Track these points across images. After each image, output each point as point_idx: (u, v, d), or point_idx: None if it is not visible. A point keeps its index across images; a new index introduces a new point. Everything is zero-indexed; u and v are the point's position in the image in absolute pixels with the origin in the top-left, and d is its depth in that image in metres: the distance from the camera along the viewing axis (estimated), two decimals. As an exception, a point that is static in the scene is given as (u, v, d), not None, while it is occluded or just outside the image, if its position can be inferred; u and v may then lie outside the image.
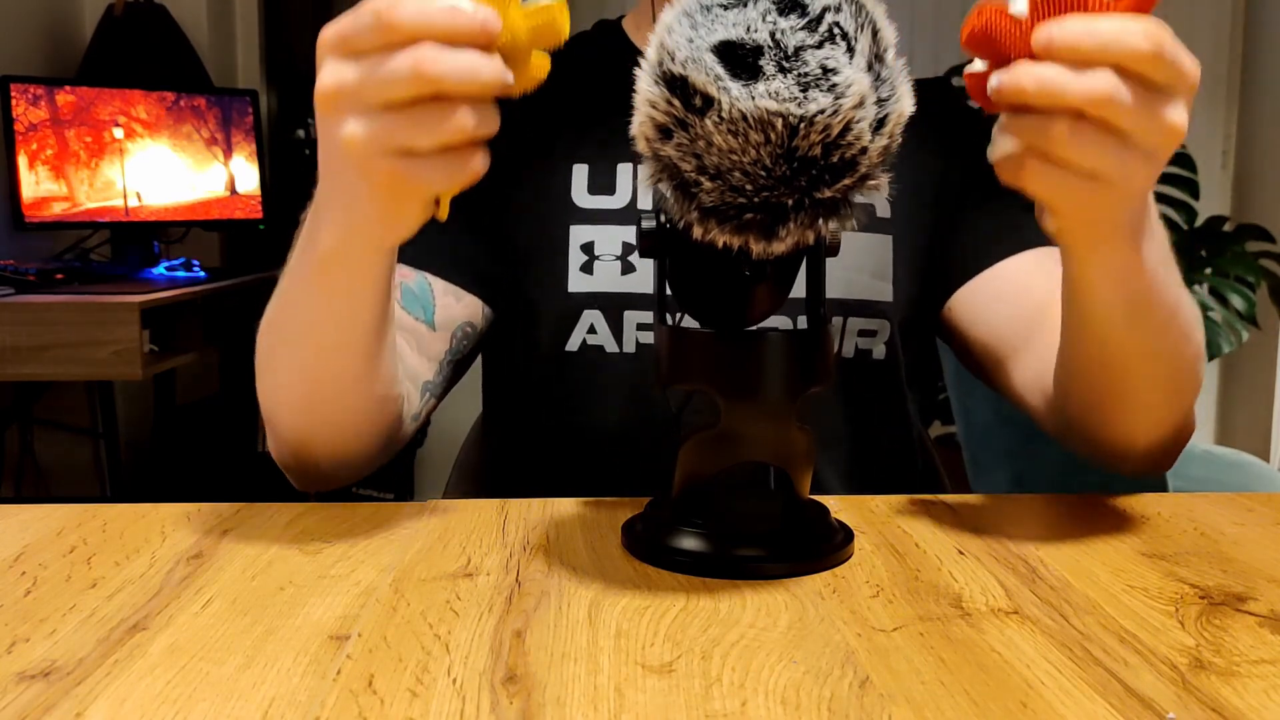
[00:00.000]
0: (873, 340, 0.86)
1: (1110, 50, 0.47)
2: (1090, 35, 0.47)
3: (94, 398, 2.79)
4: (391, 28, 0.47)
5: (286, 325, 0.67)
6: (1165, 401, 0.70)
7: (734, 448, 0.57)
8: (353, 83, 0.49)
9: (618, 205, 0.86)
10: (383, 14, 0.47)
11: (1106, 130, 0.49)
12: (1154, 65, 0.48)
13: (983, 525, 0.64)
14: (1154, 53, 0.47)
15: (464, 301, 0.85)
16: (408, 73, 0.47)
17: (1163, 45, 0.47)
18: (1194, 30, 3.14)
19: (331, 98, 0.50)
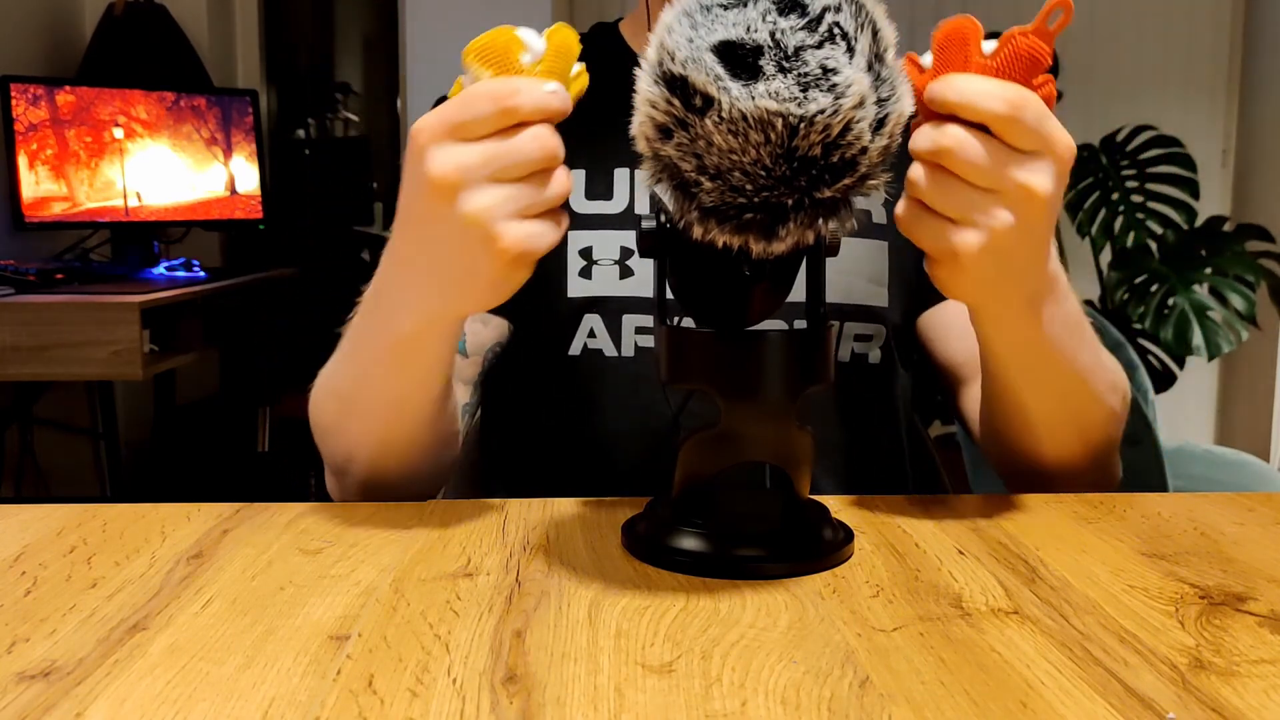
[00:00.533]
0: (869, 345, 0.87)
1: (967, 108, 0.53)
2: (953, 91, 0.53)
3: (94, 398, 2.79)
4: (513, 113, 0.53)
5: (360, 399, 0.70)
6: (1071, 446, 0.73)
7: (734, 448, 0.57)
8: (477, 163, 0.54)
9: (615, 210, 0.86)
10: (503, 101, 0.53)
11: (960, 180, 0.54)
12: (1009, 127, 0.53)
13: (983, 525, 0.64)
14: (1009, 115, 0.53)
15: (491, 325, 0.88)
16: (539, 151, 0.54)
17: (1022, 111, 0.53)
18: (1194, 30, 3.14)
19: (455, 178, 0.54)
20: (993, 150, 0.53)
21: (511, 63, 0.55)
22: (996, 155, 0.53)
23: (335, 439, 0.73)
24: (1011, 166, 0.54)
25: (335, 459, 0.74)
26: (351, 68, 3.90)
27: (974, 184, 0.54)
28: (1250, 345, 2.82)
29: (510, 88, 0.53)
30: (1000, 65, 0.55)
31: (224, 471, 2.86)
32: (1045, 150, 0.54)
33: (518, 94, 0.53)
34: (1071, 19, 0.54)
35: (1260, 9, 3.13)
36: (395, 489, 0.73)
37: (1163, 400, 2.77)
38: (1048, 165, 0.54)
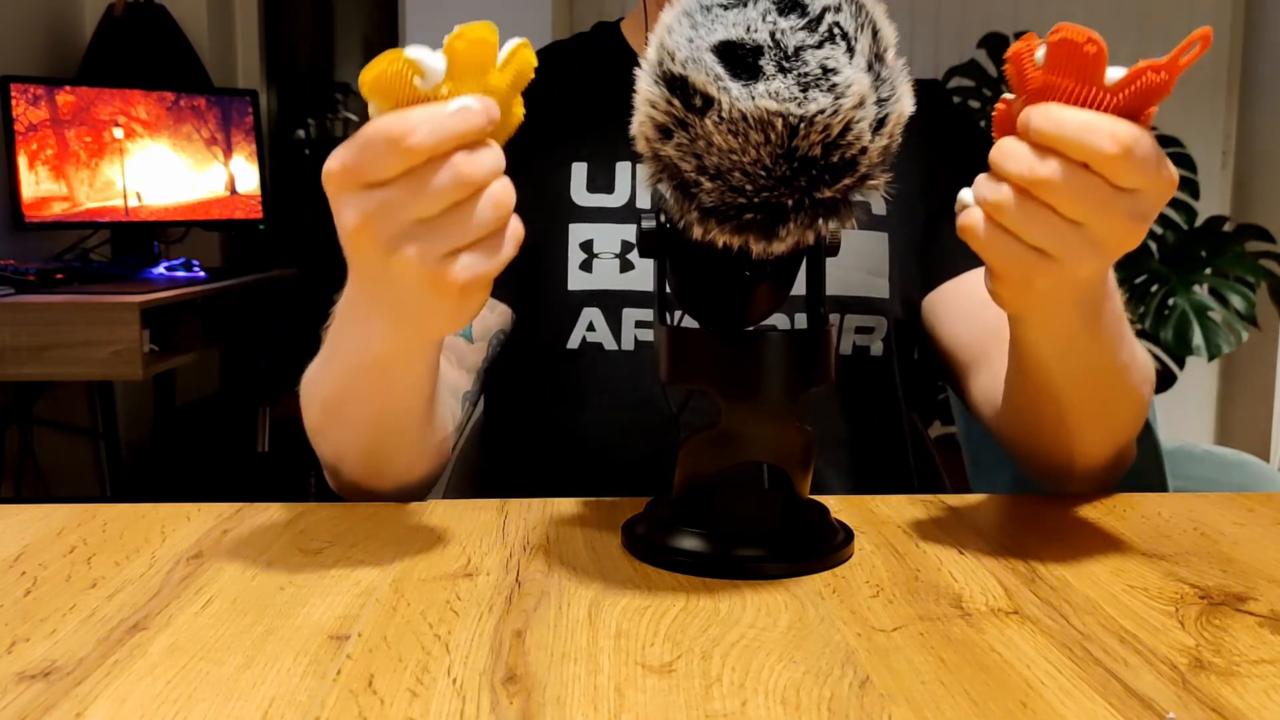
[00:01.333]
0: (870, 337, 0.87)
1: (1071, 145, 0.49)
2: (1055, 125, 0.49)
3: (94, 398, 2.80)
4: (414, 153, 0.47)
5: (344, 408, 0.68)
6: (1100, 440, 0.72)
7: (734, 448, 0.57)
8: (388, 210, 0.49)
9: (616, 204, 0.86)
10: (400, 142, 0.47)
11: (1053, 211, 0.50)
12: (1116, 167, 0.49)
13: (983, 525, 0.64)
14: (1117, 156, 0.48)
15: (497, 311, 0.87)
16: (451, 185, 0.48)
17: (1131, 151, 0.48)
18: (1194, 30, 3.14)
19: (365, 230, 0.50)
20: (1092, 186, 0.50)
21: (406, 92, 0.48)
22: (1096, 192, 0.50)
23: (322, 442, 0.72)
24: (1110, 204, 0.50)
25: (325, 459, 0.74)
26: (351, 68, 3.90)
27: (1067, 216, 0.51)
28: (1250, 345, 2.82)
29: (405, 125, 0.47)
30: (1122, 103, 0.49)
31: (224, 471, 2.86)
32: (1149, 187, 0.50)
33: (411, 132, 0.47)
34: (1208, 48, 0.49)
35: (1260, 9, 3.13)
36: (384, 491, 0.72)
37: (1163, 400, 2.77)
38: (1148, 202, 0.51)
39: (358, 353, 0.62)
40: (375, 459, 0.70)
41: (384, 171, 0.48)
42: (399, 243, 0.50)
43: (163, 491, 2.82)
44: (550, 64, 0.99)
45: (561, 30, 2.94)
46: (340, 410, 0.69)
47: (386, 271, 0.52)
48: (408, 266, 0.50)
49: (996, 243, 0.53)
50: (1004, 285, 0.56)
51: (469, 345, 0.85)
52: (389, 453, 0.70)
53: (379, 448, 0.70)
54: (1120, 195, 0.50)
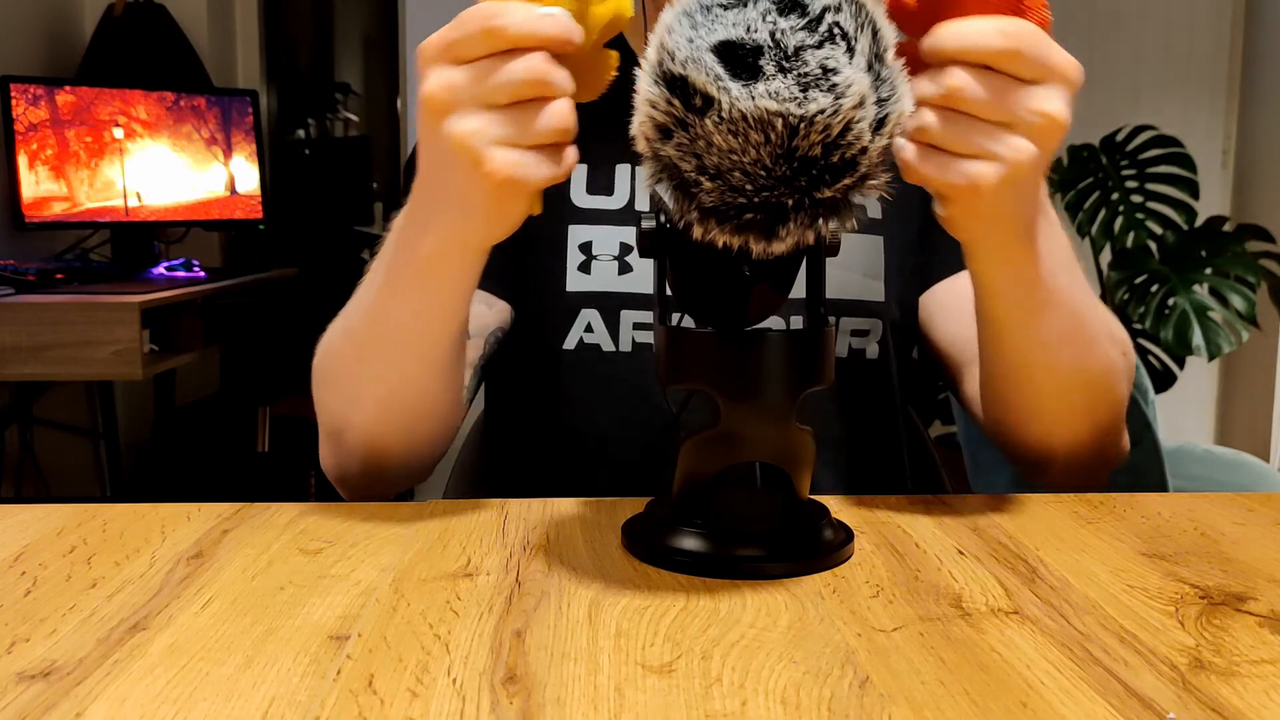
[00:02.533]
0: (866, 340, 0.87)
1: (965, 51, 0.53)
2: (946, 40, 0.53)
3: (94, 398, 2.80)
4: (502, 35, 0.52)
5: (375, 334, 0.69)
6: (1075, 412, 0.73)
7: (734, 448, 0.57)
8: (464, 85, 0.53)
9: (616, 205, 0.86)
10: (489, 21, 0.51)
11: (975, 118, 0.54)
12: (1011, 60, 0.53)
13: (983, 525, 0.64)
14: (1008, 48, 0.53)
15: (495, 308, 0.87)
16: (524, 75, 0.52)
17: (1020, 42, 0.53)
18: (1194, 30, 3.14)
19: (443, 99, 0.53)
20: (1001, 84, 0.53)
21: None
22: (1005, 88, 0.53)
23: (340, 389, 0.72)
24: (1022, 96, 0.54)
25: (335, 416, 0.73)
26: (351, 68, 3.90)
27: (987, 119, 0.54)
28: (1250, 345, 2.82)
29: (498, 9, 0.51)
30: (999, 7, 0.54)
31: (224, 471, 2.86)
32: (1051, 76, 0.54)
33: (503, 15, 0.51)
34: None
35: (1260, 9, 3.13)
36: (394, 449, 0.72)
37: (1163, 400, 2.77)
38: (1057, 90, 0.54)
39: (403, 261, 0.64)
40: (391, 404, 0.70)
41: (471, 49, 0.52)
42: (461, 118, 0.53)
43: (163, 491, 2.82)
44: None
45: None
46: (369, 339, 0.69)
47: (440, 147, 0.55)
48: (460, 141, 0.53)
49: (932, 162, 0.56)
50: (954, 205, 0.58)
51: (469, 340, 0.85)
52: (414, 390, 0.70)
53: (397, 389, 0.70)
54: (1029, 88, 0.54)
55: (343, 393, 0.72)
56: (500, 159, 0.53)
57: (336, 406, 0.73)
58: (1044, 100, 0.54)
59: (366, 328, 0.69)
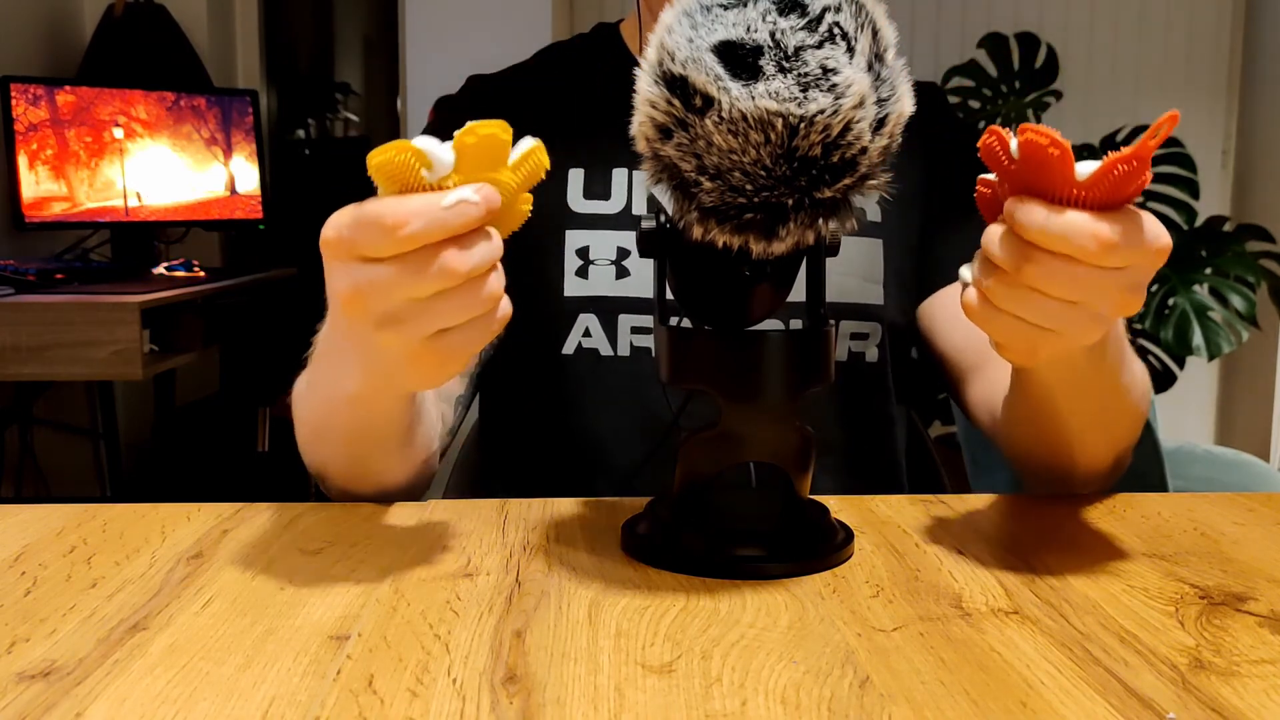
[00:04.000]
0: (865, 343, 0.87)
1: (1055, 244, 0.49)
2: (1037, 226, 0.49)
3: (94, 398, 2.79)
4: (405, 240, 0.48)
5: (324, 431, 0.69)
6: (1102, 451, 0.73)
7: (734, 448, 0.57)
8: (374, 288, 0.50)
9: (613, 210, 0.86)
10: (393, 231, 0.48)
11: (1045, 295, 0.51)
12: (1102, 259, 0.49)
13: (983, 525, 0.64)
14: (1102, 251, 0.48)
15: None
16: (437, 276, 0.48)
17: (1115, 244, 0.48)
18: (1194, 30, 3.14)
19: (356, 302, 0.51)
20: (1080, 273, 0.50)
21: (413, 180, 0.49)
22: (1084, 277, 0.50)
23: (309, 454, 0.73)
24: (1100, 283, 0.50)
25: (312, 469, 0.75)
26: (351, 68, 3.90)
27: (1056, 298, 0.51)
28: (1250, 345, 2.82)
29: (400, 215, 0.47)
30: (1099, 197, 0.49)
31: (224, 471, 2.86)
32: (1139, 263, 0.50)
33: (408, 224, 0.47)
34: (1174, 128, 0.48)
35: (1260, 9, 3.13)
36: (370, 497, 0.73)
37: (1163, 400, 2.77)
38: (1138, 275, 0.51)
39: (333, 387, 0.64)
40: (358, 472, 0.71)
41: (376, 252, 0.49)
42: (386, 319, 0.51)
43: (163, 491, 2.82)
44: (549, 67, 0.99)
45: (561, 31, 2.94)
46: (321, 431, 0.70)
47: (367, 340, 0.53)
48: (390, 342, 0.52)
49: (994, 320, 0.53)
50: (1008, 352, 0.57)
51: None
52: (371, 467, 0.71)
53: (360, 464, 0.70)
54: (1109, 273, 0.50)
55: (311, 456, 0.73)
56: (435, 347, 0.51)
57: (311, 462, 0.74)
58: (1122, 285, 0.51)
59: (317, 424, 0.70)
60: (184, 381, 2.91)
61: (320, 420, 0.69)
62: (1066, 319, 0.52)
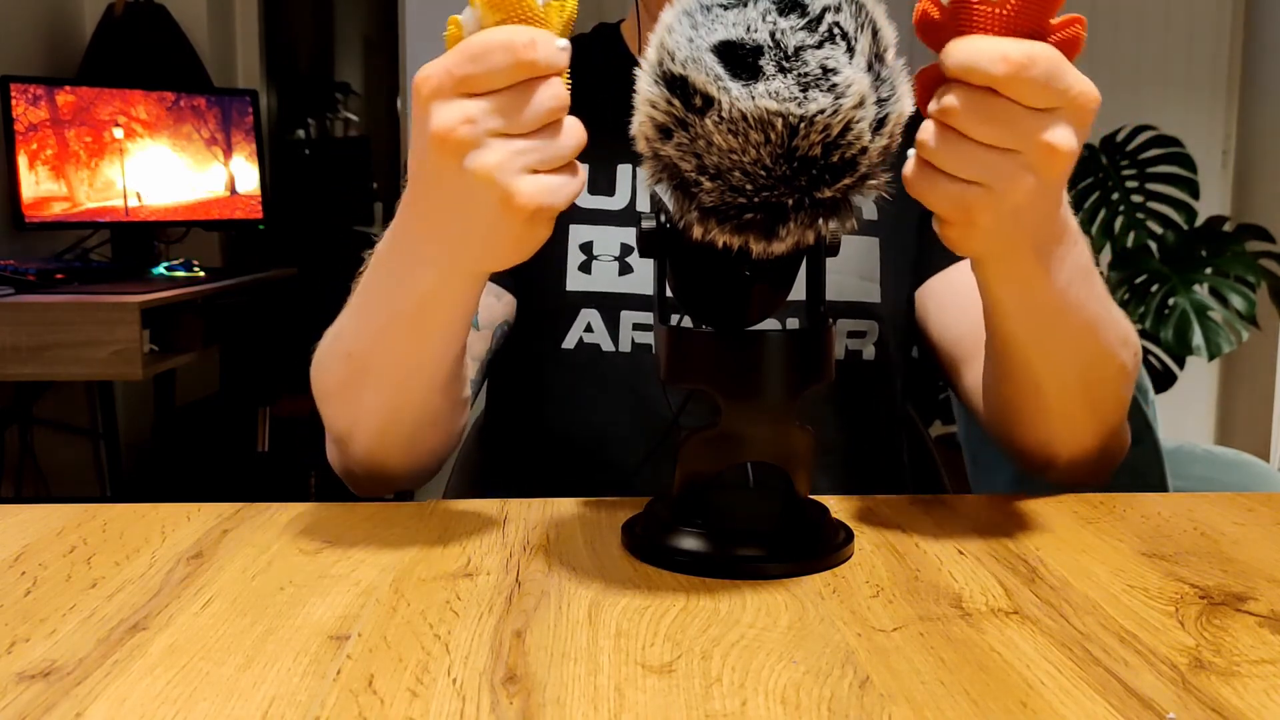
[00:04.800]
0: (862, 341, 0.87)
1: (966, 71, 0.50)
2: (949, 57, 0.51)
3: (94, 398, 2.79)
4: (532, 65, 0.50)
5: (374, 363, 0.68)
6: (1081, 415, 0.71)
7: (734, 448, 0.57)
8: (485, 118, 0.51)
9: (616, 206, 0.86)
10: (523, 52, 0.50)
11: (971, 141, 0.51)
12: (1017, 88, 0.49)
13: (983, 525, 0.64)
14: (1014, 75, 0.49)
15: (504, 300, 0.87)
16: (553, 104, 0.51)
17: (1028, 70, 0.49)
18: (1194, 30, 3.14)
19: (463, 135, 0.51)
20: (1004, 109, 0.50)
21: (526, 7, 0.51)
22: (1008, 114, 0.50)
23: (341, 406, 0.71)
24: (1026, 125, 0.51)
25: (338, 426, 0.73)
26: (351, 68, 3.90)
27: (988, 144, 0.51)
28: (1250, 345, 2.82)
29: (527, 38, 0.50)
30: (1012, 12, 0.50)
31: (224, 471, 2.86)
32: (1062, 103, 0.51)
33: (535, 47, 0.50)
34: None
35: (1260, 9, 3.13)
36: (396, 463, 0.72)
37: (1163, 400, 2.76)
38: (1065, 119, 0.51)
39: (400, 296, 0.63)
40: (400, 418, 0.69)
41: (495, 80, 0.50)
42: (483, 153, 0.51)
43: (163, 491, 2.82)
44: None
45: (561, 30, 2.93)
46: (368, 366, 0.68)
47: (461, 183, 0.53)
48: (487, 176, 0.51)
49: (928, 182, 0.54)
50: (949, 226, 0.56)
51: (476, 333, 0.84)
52: (416, 410, 0.69)
53: (407, 403, 0.69)
54: (1033, 115, 0.50)
55: (344, 408, 0.71)
56: (530, 188, 0.52)
57: (338, 419, 0.73)
58: (1047, 129, 0.51)
59: (364, 354, 0.68)
60: (184, 381, 2.91)
61: (369, 350, 0.67)
62: (994, 169, 0.52)
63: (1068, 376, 0.68)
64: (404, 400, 0.69)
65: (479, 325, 0.84)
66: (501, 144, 0.51)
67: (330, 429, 0.74)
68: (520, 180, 0.52)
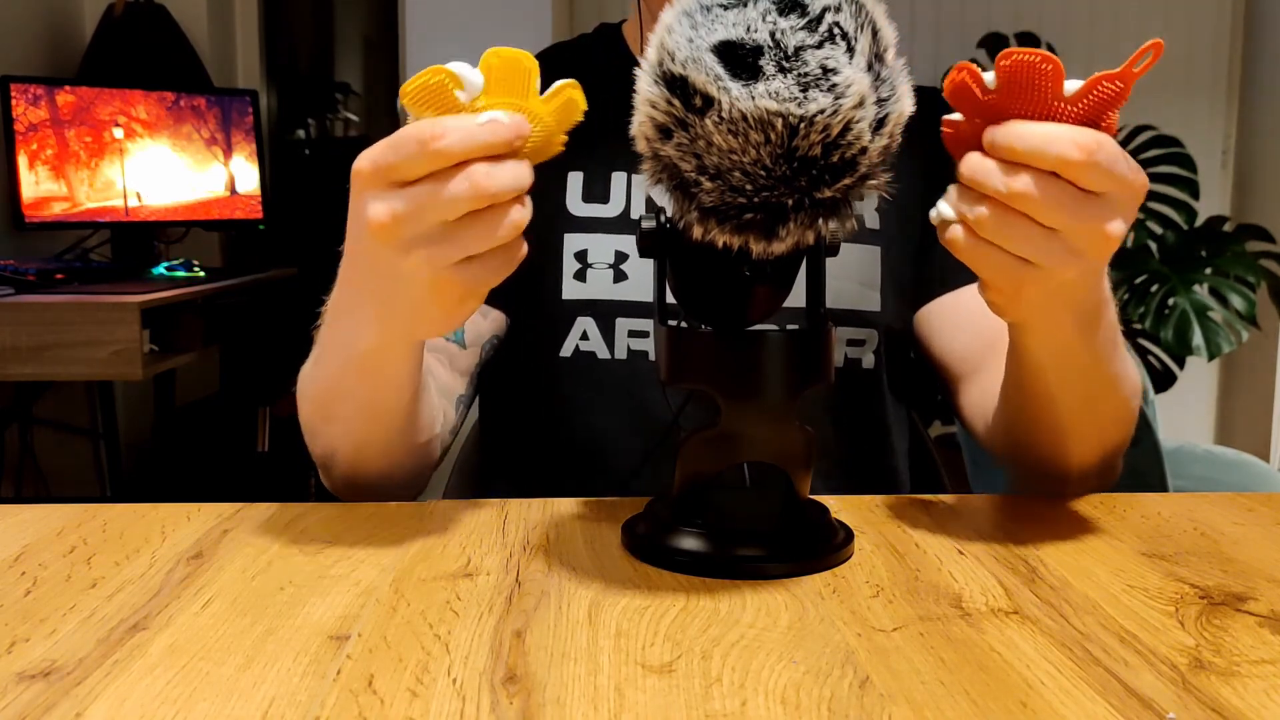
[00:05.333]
0: (862, 349, 0.87)
1: (1038, 156, 0.51)
2: (1020, 141, 0.51)
3: (94, 398, 2.79)
4: (442, 155, 0.50)
5: (333, 404, 0.70)
6: (1089, 449, 0.73)
7: (734, 448, 0.57)
8: (410, 211, 0.51)
9: (611, 214, 0.86)
10: (429, 144, 0.50)
11: (1031, 221, 0.52)
12: (1082, 171, 0.51)
13: (983, 525, 0.64)
14: (1082, 160, 0.50)
15: (490, 317, 0.88)
16: (468, 193, 0.50)
17: (1095, 156, 0.50)
18: (1194, 30, 3.14)
19: (389, 228, 0.52)
20: (1064, 194, 0.51)
21: (448, 102, 0.51)
22: (1068, 199, 0.52)
23: (315, 439, 0.74)
24: (1083, 209, 0.52)
25: (317, 452, 0.75)
26: (351, 68, 3.90)
27: (1042, 224, 0.53)
28: (1250, 345, 2.82)
29: (436, 129, 0.50)
30: (1082, 113, 0.52)
31: (224, 471, 2.86)
32: (1118, 190, 0.52)
33: (444, 136, 0.50)
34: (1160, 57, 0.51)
35: (1260, 9, 3.13)
36: (374, 487, 0.74)
37: (1163, 400, 2.77)
38: (1119, 204, 0.53)
39: (345, 349, 0.65)
40: (362, 455, 0.72)
41: (412, 171, 0.51)
42: (415, 243, 0.52)
43: (163, 491, 2.82)
44: (551, 68, 0.99)
45: (561, 31, 2.94)
46: (330, 406, 0.71)
47: (394, 269, 0.54)
48: (418, 267, 0.53)
49: (982, 254, 0.55)
50: (996, 294, 0.58)
51: (461, 350, 0.86)
52: (376, 449, 0.72)
53: (366, 445, 0.71)
54: (1091, 199, 0.52)
55: (319, 439, 0.74)
56: (459, 276, 0.53)
57: (316, 448, 0.75)
58: (1104, 215, 0.52)
59: (327, 399, 0.71)
60: (184, 381, 2.91)
61: (329, 395, 0.70)
62: (1047, 249, 0.53)
63: (1085, 422, 0.71)
64: (368, 438, 0.71)
65: (465, 343, 0.86)
66: (431, 238, 0.52)
67: (312, 453, 0.76)
68: (448, 271, 0.53)
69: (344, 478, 0.74)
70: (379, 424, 0.70)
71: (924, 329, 0.90)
